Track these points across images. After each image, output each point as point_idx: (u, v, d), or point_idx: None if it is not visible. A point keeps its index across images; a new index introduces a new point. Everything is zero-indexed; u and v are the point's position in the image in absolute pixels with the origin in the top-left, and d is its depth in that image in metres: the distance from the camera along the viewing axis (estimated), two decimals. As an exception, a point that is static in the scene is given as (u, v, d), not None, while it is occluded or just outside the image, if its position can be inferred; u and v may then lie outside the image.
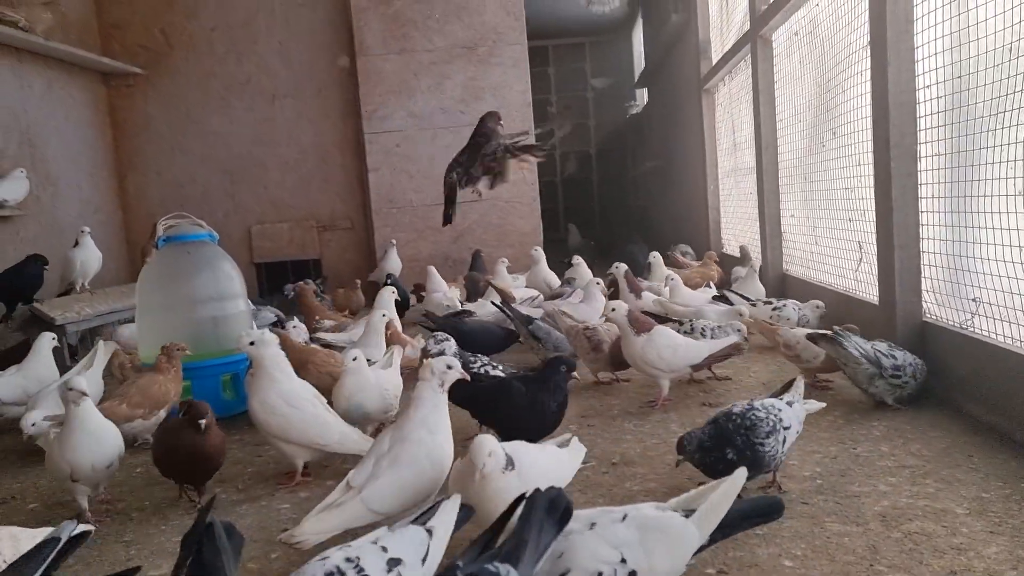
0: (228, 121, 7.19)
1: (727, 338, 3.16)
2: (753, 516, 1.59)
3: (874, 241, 3.18)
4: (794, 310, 3.80)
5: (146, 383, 2.84)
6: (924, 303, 2.93)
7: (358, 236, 7.35)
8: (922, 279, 2.92)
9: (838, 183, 3.81)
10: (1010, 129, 2.31)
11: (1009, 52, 2.30)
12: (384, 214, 6.98)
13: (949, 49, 2.66)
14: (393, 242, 6.65)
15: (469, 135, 3.37)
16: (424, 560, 1.42)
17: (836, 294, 3.84)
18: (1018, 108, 2.27)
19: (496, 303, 4.16)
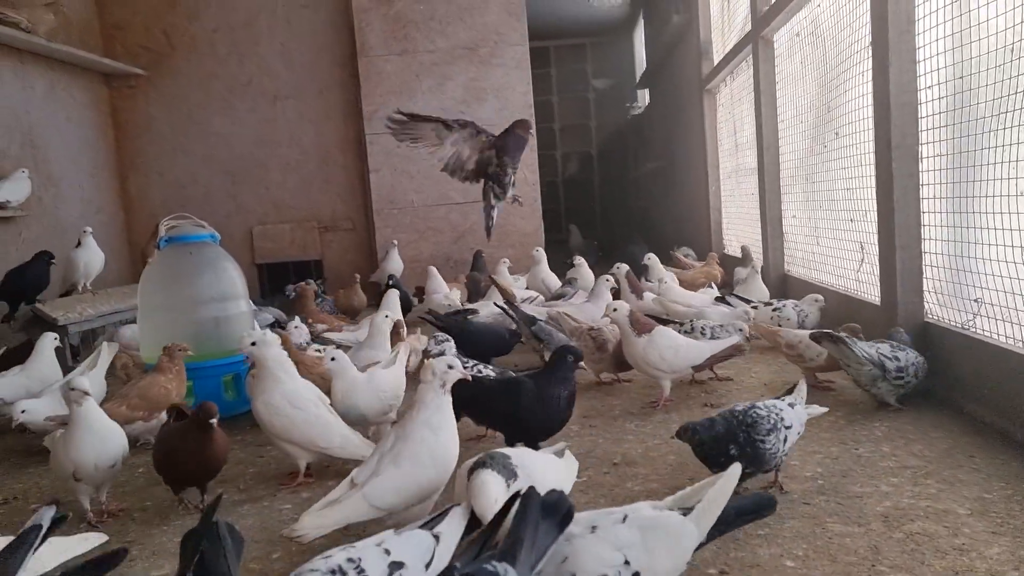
0: (230, 122, 7.20)
1: (728, 339, 3.16)
2: (748, 513, 1.60)
3: (876, 242, 3.18)
4: (794, 309, 3.81)
5: (146, 385, 2.85)
6: (926, 303, 2.93)
7: (359, 237, 7.36)
8: (924, 279, 2.92)
9: (840, 184, 3.80)
10: (1012, 129, 2.31)
11: (1010, 52, 2.30)
12: (385, 215, 6.98)
13: (951, 50, 2.66)
14: (395, 243, 6.65)
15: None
16: (428, 566, 1.41)
17: (838, 295, 3.84)
18: (1020, 108, 2.27)
19: (500, 304, 4.14)
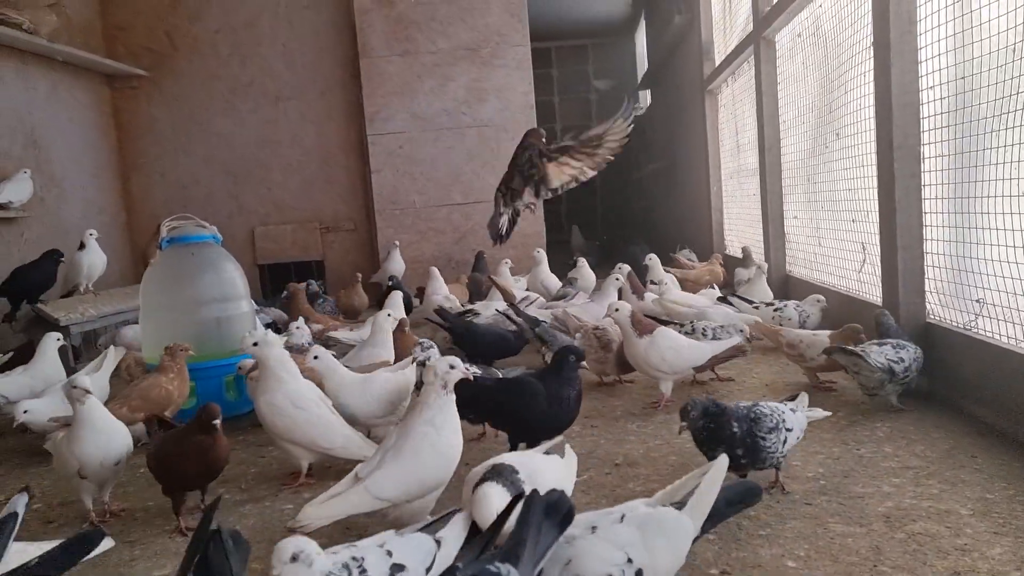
0: (232, 123, 7.20)
1: (730, 339, 3.16)
2: (736, 502, 1.62)
3: (877, 242, 3.17)
4: (795, 310, 3.81)
5: (147, 386, 2.85)
6: (928, 304, 2.92)
7: (361, 237, 7.36)
8: (926, 280, 2.91)
9: (841, 184, 3.80)
10: (1014, 130, 2.31)
11: (1013, 52, 2.30)
12: (387, 215, 6.99)
13: (953, 50, 2.66)
14: (396, 243, 6.65)
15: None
16: (429, 570, 1.41)
17: (839, 295, 3.83)
18: (1021, 109, 2.27)
19: (502, 311, 4.10)
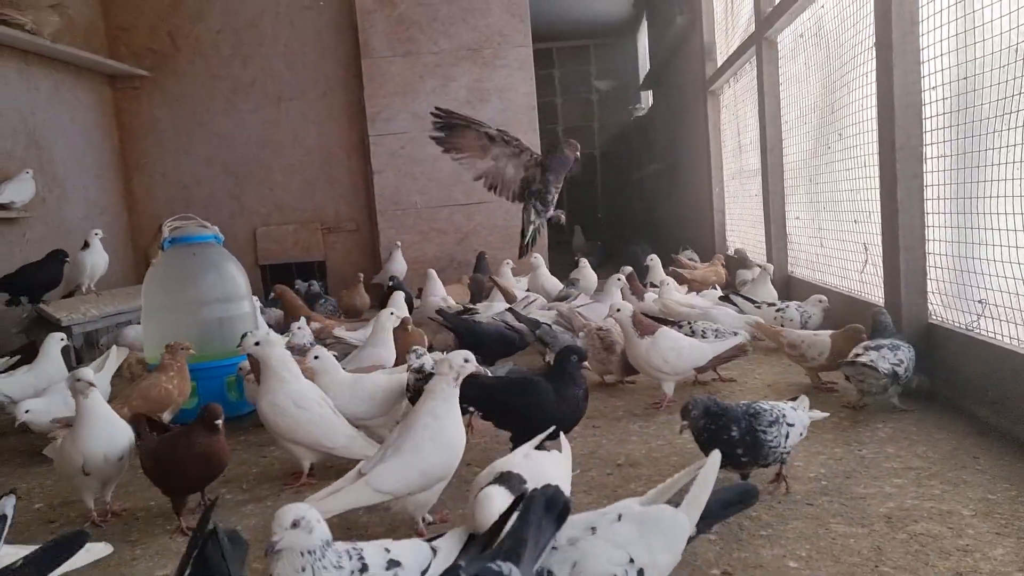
0: (233, 123, 7.21)
1: (731, 340, 3.15)
2: (733, 503, 1.62)
3: (879, 243, 3.17)
4: (797, 310, 3.80)
5: (147, 385, 2.85)
6: (930, 305, 2.92)
7: (363, 238, 7.36)
8: (928, 281, 2.91)
9: (843, 185, 3.80)
10: (1016, 130, 2.31)
11: (1015, 53, 2.30)
12: (389, 216, 6.99)
13: (955, 50, 2.66)
14: (398, 244, 6.66)
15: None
16: (425, 572, 1.43)
17: (841, 296, 3.83)
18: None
19: (500, 317, 4.08)
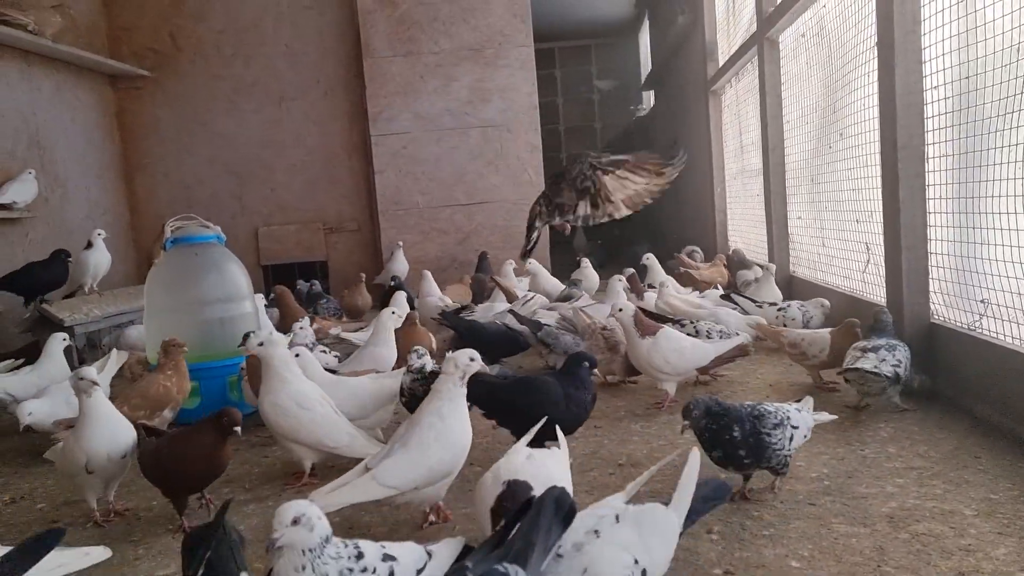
0: (235, 123, 7.21)
1: (733, 340, 3.15)
2: (711, 499, 1.64)
3: (881, 242, 3.17)
4: (799, 310, 3.80)
5: (145, 384, 2.85)
6: (932, 304, 2.92)
7: (364, 238, 7.37)
8: (930, 280, 2.91)
9: (845, 184, 3.80)
10: (1018, 130, 2.30)
11: (1017, 52, 2.30)
12: (390, 216, 6.99)
13: (957, 50, 2.66)
14: (399, 244, 6.66)
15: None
16: (420, 572, 1.44)
17: (843, 296, 3.83)
18: (1026, 108, 2.27)
19: (503, 322, 4.06)
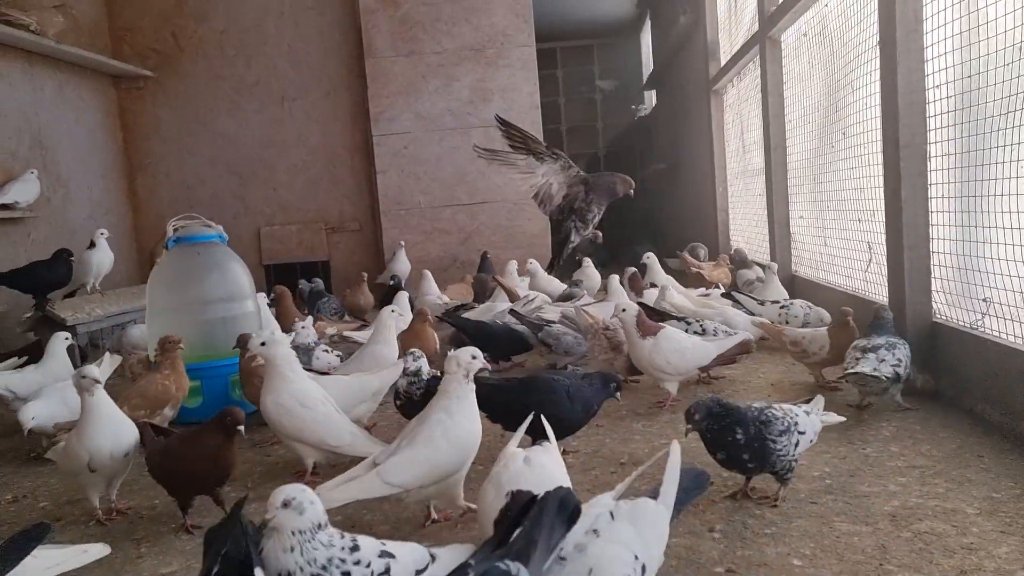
0: (237, 123, 7.22)
1: (734, 338, 3.15)
2: (692, 489, 1.66)
3: (884, 241, 3.17)
4: (801, 308, 3.80)
5: (144, 384, 2.86)
6: (934, 303, 2.91)
7: (366, 238, 7.37)
8: (932, 279, 2.91)
9: (847, 183, 3.79)
10: (1020, 128, 2.30)
11: (1019, 51, 2.30)
12: (392, 216, 7.00)
13: (959, 48, 2.65)
14: (401, 243, 6.66)
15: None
16: (420, 573, 1.44)
17: (846, 295, 3.82)
18: (1028, 107, 2.26)
19: (507, 322, 4.06)
